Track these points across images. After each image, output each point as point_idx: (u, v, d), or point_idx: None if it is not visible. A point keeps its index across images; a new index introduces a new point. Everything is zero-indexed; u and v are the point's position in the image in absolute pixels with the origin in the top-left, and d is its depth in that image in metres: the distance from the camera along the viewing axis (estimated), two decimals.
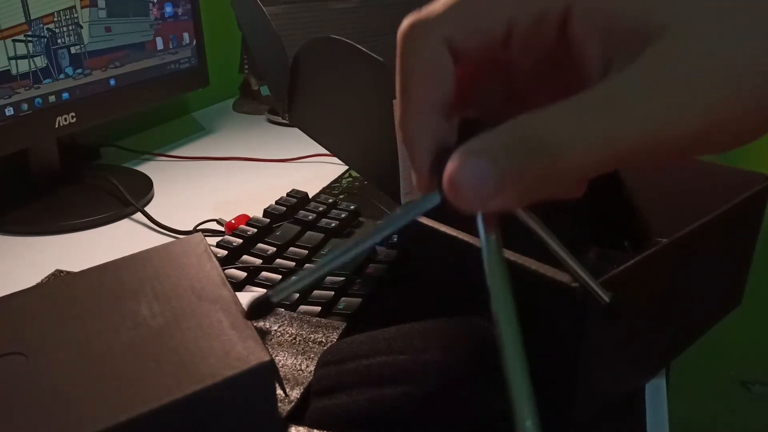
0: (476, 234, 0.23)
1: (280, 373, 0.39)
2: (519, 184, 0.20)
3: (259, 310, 0.28)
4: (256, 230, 0.59)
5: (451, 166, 0.21)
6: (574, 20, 0.22)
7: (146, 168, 0.86)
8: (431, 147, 0.24)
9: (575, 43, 0.23)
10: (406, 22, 0.24)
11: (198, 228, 0.66)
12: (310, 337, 0.44)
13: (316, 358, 0.41)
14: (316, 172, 0.85)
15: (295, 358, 0.42)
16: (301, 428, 0.35)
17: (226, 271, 0.51)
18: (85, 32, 0.74)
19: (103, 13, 0.76)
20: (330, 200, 0.66)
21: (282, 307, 0.48)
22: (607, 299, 0.32)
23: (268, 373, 0.32)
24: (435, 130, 0.24)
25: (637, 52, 0.21)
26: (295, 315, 0.46)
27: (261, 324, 0.45)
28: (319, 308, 0.48)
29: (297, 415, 0.37)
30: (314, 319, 0.46)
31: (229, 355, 0.32)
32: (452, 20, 0.23)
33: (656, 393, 0.45)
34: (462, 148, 0.21)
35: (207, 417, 0.31)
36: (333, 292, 0.50)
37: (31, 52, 0.68)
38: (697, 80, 0.20)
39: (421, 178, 0.25)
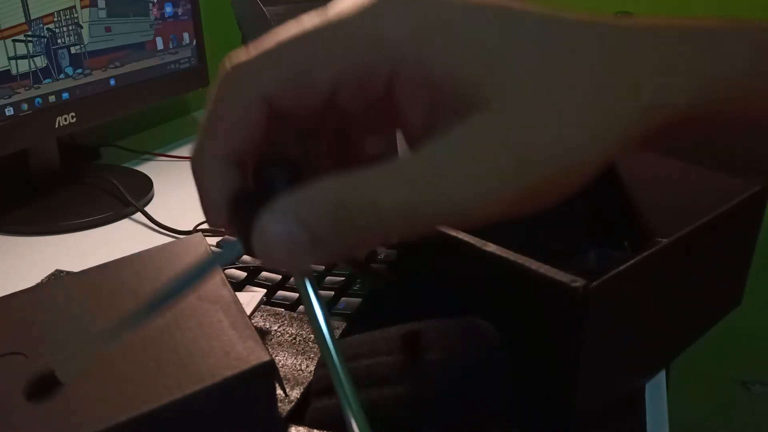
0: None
1: (280, 373, 0.39)
2: (328, 247, 0.20)
3: (43, 388, 0.23)
4: None
5: (260, 227, 0.21)
6: (398, 87, 0.22)
7: (146, 168, 0.85)
8: (227, 193, 0.23)
9: (400, 108, 0.23)
10: (228, 63, 0.23)
11: (198, 228, 0.66)
12: (310, 337, 0.44)
13: (316, 358, 0.41)
14: None
15: (295, 358, 0.42)
16: (301, 428, 0.35)
17: (226, 271, 0.51)
18: (85, 32, 0.74)
19: (103, 13, 0.76)
20: None
21: (282, 308, 0.48)
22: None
23: (268, 373, 0.32)
24: (233, 179, 0.23)
25: (456, 123, 0.21)
26: (295, 315, 0.46)
27: (261, 324, 0.45)
28: None
29: (297, 415, 0.37)
30: None
31: (229, 355, 0.32)
32: (274, 74, 0.22)
33: (656, 393, 0.45)
34: (272, 208, 0.20)
35: (207, 417, 0.31)
36: (333, 292, 0.50)
37: (31, 52, 0.68)
38: (505, 163, 0.20)
39: (215, 223, 0.24)
